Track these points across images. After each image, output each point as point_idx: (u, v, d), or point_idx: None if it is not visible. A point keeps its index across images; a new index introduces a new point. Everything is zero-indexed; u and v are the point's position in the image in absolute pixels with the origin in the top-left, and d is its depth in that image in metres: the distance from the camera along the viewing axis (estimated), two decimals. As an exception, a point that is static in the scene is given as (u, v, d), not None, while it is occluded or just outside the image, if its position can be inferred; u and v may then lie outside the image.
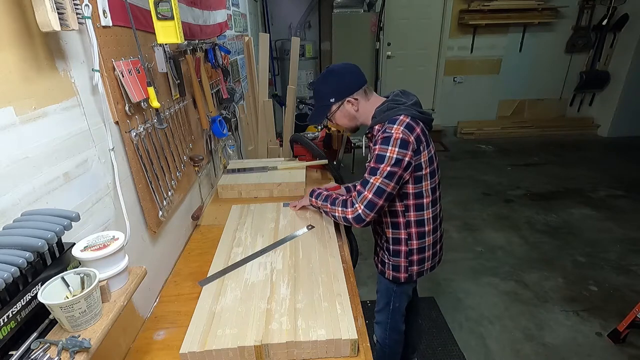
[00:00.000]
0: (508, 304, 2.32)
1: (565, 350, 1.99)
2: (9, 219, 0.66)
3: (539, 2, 5.04)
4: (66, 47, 0.81)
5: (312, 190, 1.45)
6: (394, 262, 1.37)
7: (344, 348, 0.89)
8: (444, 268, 2.63)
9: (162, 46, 1.22)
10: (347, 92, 1.26)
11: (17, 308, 0.59)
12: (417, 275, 1.38)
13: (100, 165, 0.92)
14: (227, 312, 0.96)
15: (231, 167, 1.99)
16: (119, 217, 0.98)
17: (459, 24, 5.28)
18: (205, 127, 1.74)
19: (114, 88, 0.96)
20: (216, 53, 1.89)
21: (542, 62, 5.49)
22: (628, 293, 2.36)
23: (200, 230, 1.55)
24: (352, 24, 4.62)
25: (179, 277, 1.26)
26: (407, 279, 1.38)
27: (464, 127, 5.63)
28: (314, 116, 1.35)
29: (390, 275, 1.40)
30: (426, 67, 5.61)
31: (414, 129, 1.17)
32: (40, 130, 0.73)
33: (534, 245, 2.91)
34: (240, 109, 2.51)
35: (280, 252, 1.24)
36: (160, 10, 0.95)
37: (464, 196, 3.74)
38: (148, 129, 1.12)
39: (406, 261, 1.35)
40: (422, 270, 1.38)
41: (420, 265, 1.36)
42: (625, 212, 3.34)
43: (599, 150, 4.95)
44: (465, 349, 2.01)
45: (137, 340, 1.01)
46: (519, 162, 4.60)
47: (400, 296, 1.45)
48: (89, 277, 0.68)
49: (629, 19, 4.86)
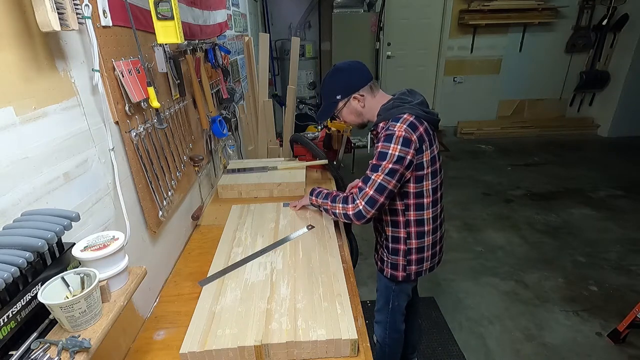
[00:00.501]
0: (508, 304, 2.32)
1: (565, 350, 1.99)
2: (9, 219, 0.66)
3: (539, 2, 5.04)
4: (66, 47, 0.81)
5: (312, 189, 1.45)
6: (393, 260, 1.37)
7: (344, 348, 0.89)
8: (444, 268, 2.63)
9: (162, 46, 1.22)
10: (353, 88, 1.28)
11: (17, 308, 0.59)
12: (416, 275, 1.39)
13: (100, 165, 0.92)
14: (227, 312, 0.96)
15: (231, 167, 1.99)
16: (119, 217, 0.98)
17: (459, 24, 5.28)
18: (205, 127, 1.74)
19: (114, 88, 0.96)
20: (216, 53, 1.89)
21: (542, 62, 5.49)
22: (628, 293, 2.36)
23: (200, 230, 1.55)
24: (352, 24, 4.63)
25: (179, 277, 1.26)
26: (405, 278, 1.38)
27: (464, 127, 5.63)
28: (322, 114, 1.37)
29: (389, 273, 1.40)
30: (426, 67, 5.61)
31: (417, 127, 1.17)
32: (40, 130, 0.73)
33: (534, 245, 2.91)
34: (240, 109, 2.51)
35: (280, 252, 1.24)
36: (160, 10, 0.95)
37: (464, 196, 3.74)
38: (148, 129, 1.12)
39: (404, 260, 1.35)
40: (421, 270, 1.38)
41: (418, 265, 1.37)
42: (625, 212, 3.34)
43: (599, 150, 4.95)
44: (465, 349, 2.01)
45: (137, 340, 1.01)
46: (519, 162, 4.60)
47: (399, 295, 1.46)
48: (89, 277, 0.68)
49: (629, 19, 4.86)
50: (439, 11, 5.28)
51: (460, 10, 5.17)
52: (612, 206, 3.46)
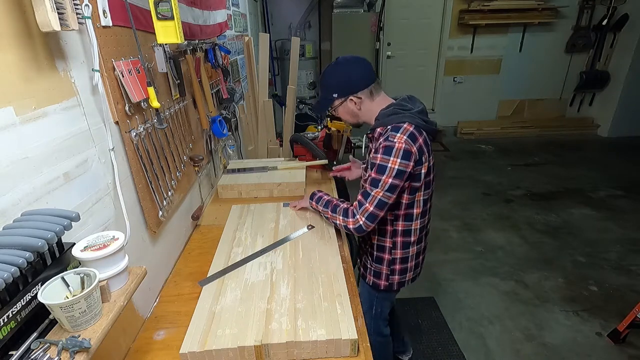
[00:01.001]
0: (508, 304, 2.32)
1: (565, 350, 1.99)
2: (9, 219, 0.66)
3: (539, 2, 5.04)
4: (66, 47, 0.81)
5: (313, 193, 1.44)
6: (376, 268, 1.36)
7: (344, 348, 0.89)
8: (444, 268, 2.63)
9: (162, 46, 1.22)
10: (351, 90, 1.23)
11: (17, 308, 0.59)
12: (398, 286, 1.38)
13: (100, 165, 0.92)
14: (227, 312, 0.96)
15: (231, 167, 1.99)
16: (119, 217, 0.98)
17: (459, 24, 5.28)
18: (205, 127, 1.74)
19: (114, 88, 0.96)
20: (216, 53, 1.89)
21: (542, 62, 5.49)
22: (628, 293, 2.36)
23: (200, 230, 1.55)
24: (352, 24, 4.62)
25: (179, 277, 1.26)
26: (387, 288, 1.37)
27: (464, 127, 5.63)
28: (317, 106, 1.36)
29: (371, 280, 1.39)
30: (426, 67, 5.61)
31: (417, 138, 1.14)
32: (40, 130, 0.73)
33: (534, 245, 2.91)
34: (240, 109, 2.51)
35: (280, 252, 1.24)
36: (160, 10, 0.95)
37: (464, 196, 3.74)
38: (148, 129, 1.12)
39: (388, 269, 1.34)
40: (404, 281, 1.37)
41: (402, 276, 1.36)
42: (625, 212, 3.34)
43: (599, 150, 4.95)
44: (465, 349, 2.01)
45: (137, 340, 1.01)
46: (519, 162, 4.60)
47: (382, 302, 1.46)
48: (89, 277, 0.68)
49: (629, 19, 4.86)
50: (439, 11, 5.28)
51: (460, 10, 5.17)
52: (612, 206, 3.46)
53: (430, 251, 2.84)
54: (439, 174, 4.32)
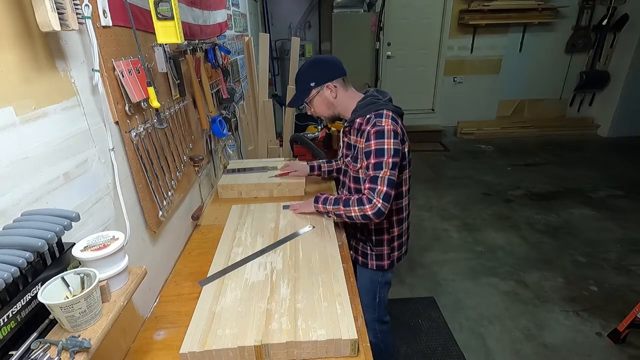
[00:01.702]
0: (508, 304, 2.32)
1: (565, 350, 1.99)
2: (9, 219, 0.66)
3: (539, 2, 5.04)
4: (66, 47, 0.81)
5: (316, 197, 1.43)
6: (377, 251, 1.43)
7: (344, 348, 0.89)
8: (444, 268, 2.64)
9: (162, 46, 1.22)
10: (326, 77, 1.32)
11: (17, 308, 0.59)
12: (397, 260, 1.47)
13: (100, 165, 0.92)
14: (227, 312, 0.96)
15: (231, 167, 1.99)
16: (119, 217, 0.98)
17: (459, 24, 5.28)
18: (205, 127, 1.74)
19: (114, 88, 0.96)
20: (216, 53, 1.89)
21: (542, 62, 5.49)
22: (628, 293, 2.36)
23: (200, 230, 1.55)
24: (352, 24, 4.62)
25: (179, 277, 1.26)
26: (390, 265, 1.45)
27: (464, 127, 5.63)
28: (294, 100, 1.41)
29: (374, 265, 1.45)
30: (426, 67, 5.61)
31: (397, 121, 1.26)
32: (40, 130, 0.73)
33: (534, 245, 2.91)
34: (240, 109, 2.51)
35: (280, 252, 1.24)
36: (160, 10, 0.95)
37: (464, 196, 3.74)
38: (148, 129, 1.12)
39: (388, 248, 1.42)
40: (400, 255, 1.48)
41: (399, 251, 1.46)
42: (625, 212, 3.34)
43: (599, 150, 4.95)
44: (465, 349, 2.01)
45: (137, 340, 1.01)
46: (519, 162, 4.60)
47: (384, 287, 1.51)
48: (89, 277, 0.68)
49: (629, 19, 4.86)
50: (439, 11, 5.28)
51: (460, 10, 5.17)
52: (612, 206, 3.46)
53: (430, 251, 2.87)
54: (439, 173, 4.33)
